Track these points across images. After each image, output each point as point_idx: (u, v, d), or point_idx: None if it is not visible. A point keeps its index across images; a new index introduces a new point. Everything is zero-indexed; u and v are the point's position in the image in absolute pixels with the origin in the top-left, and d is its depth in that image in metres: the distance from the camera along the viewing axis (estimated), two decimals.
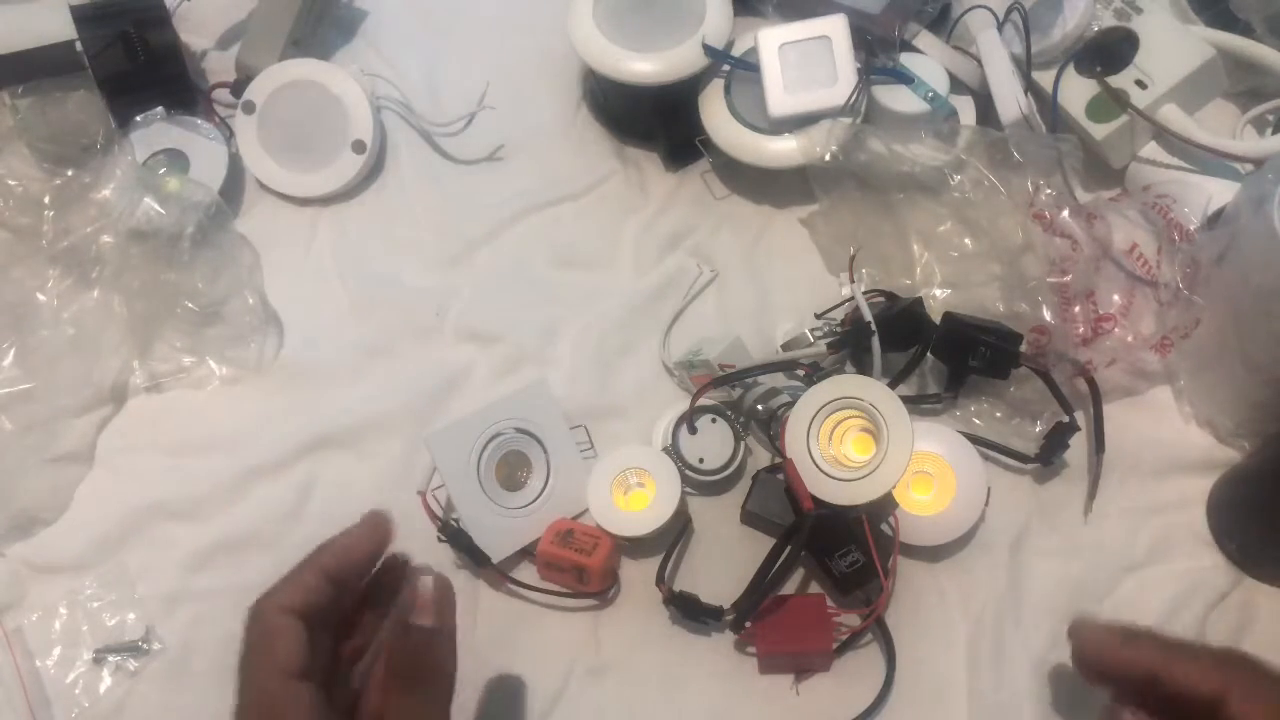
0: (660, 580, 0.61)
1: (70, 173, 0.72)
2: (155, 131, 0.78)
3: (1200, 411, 0.66)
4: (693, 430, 0.64)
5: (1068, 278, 0.65)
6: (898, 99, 0.73)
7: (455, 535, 0.61)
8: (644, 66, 0.73)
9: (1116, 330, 0.65)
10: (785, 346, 0.69)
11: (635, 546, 0.63)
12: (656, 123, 0.79)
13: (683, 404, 0.65)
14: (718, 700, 0.59)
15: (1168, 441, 0.66)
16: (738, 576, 0.59)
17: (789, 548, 0.58)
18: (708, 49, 0.73)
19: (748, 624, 0.58)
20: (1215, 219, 0.67)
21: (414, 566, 0.50)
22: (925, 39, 0.77)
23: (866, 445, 0.61)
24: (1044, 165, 0.68)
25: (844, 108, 0.71)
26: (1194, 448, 0.65)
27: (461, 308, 0.74)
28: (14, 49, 0.74)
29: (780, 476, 0.62)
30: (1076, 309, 0.65)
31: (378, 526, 0.50)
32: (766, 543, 0.60)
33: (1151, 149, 0.72)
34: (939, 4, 0.77)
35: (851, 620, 0.59)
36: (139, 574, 0.65)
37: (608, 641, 0.61)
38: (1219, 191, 0.67)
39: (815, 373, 0.65)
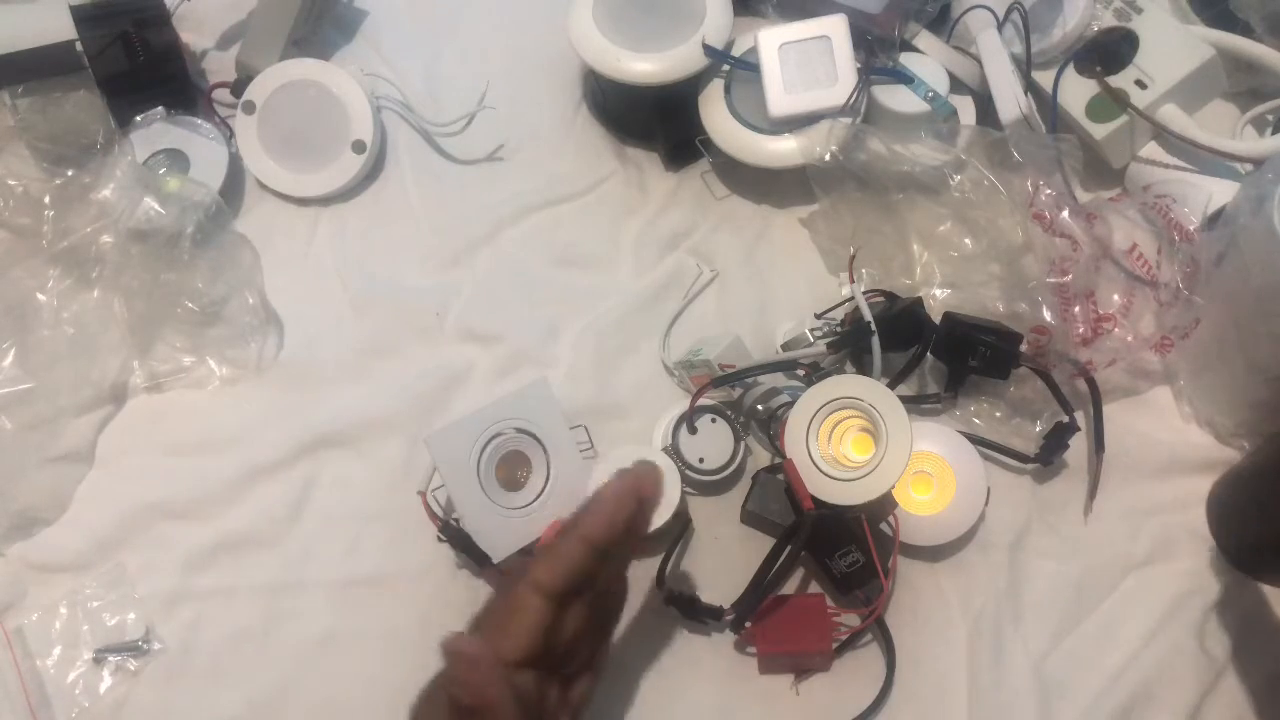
0: (660, 580, 0.61)
1: (70, 173, 0.72)
2: (155, 131, 0.78)
3: (1200, 411, 0.66)
4: (693, 430, 0.64)
5: (1068, 278, 0.65)
6: (898, 99, 0.73)
7: (455, 535, 0.61)
8: (644, 66, 0.73)
9: (1116, 330, 0.65)
10: (785, 346, 0.69)
11: None
12: (656, 123, 0.79)
13: (683, 404, 0.65)
14: (718, 700, 0.60)
15: (1168, 441, 0.66)
16: (738, 576, 0.59)
17: (789, 548, 0.58)
18: (708, 49, 0.73)
19: (748, 624, 0.58)
20: (1215, 219, 0.67)
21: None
22: (925, 39, 0.77)
23: (866, 445, 0.61)
24: (1044, 165, 0.68)
25: (844, 108, 0.71)
26: (1194, 448, 0.66)
27: (461, 308, 0.74)
28: (14, 49, 0.74)
29: (780, 476, 0.61)
30: (1076, 309, 0.65)
31: (644, 480, 0.47)
32: (766, 543, 0.60)
33: (1151, 149, 0.72)
34: (939, 4, 0.77)
35: (851, 620, 0.59)
36: (139, 574, 0.65)
37: None
38: (1219, 191, 0.68)
39: (815, 373, 0.65)
